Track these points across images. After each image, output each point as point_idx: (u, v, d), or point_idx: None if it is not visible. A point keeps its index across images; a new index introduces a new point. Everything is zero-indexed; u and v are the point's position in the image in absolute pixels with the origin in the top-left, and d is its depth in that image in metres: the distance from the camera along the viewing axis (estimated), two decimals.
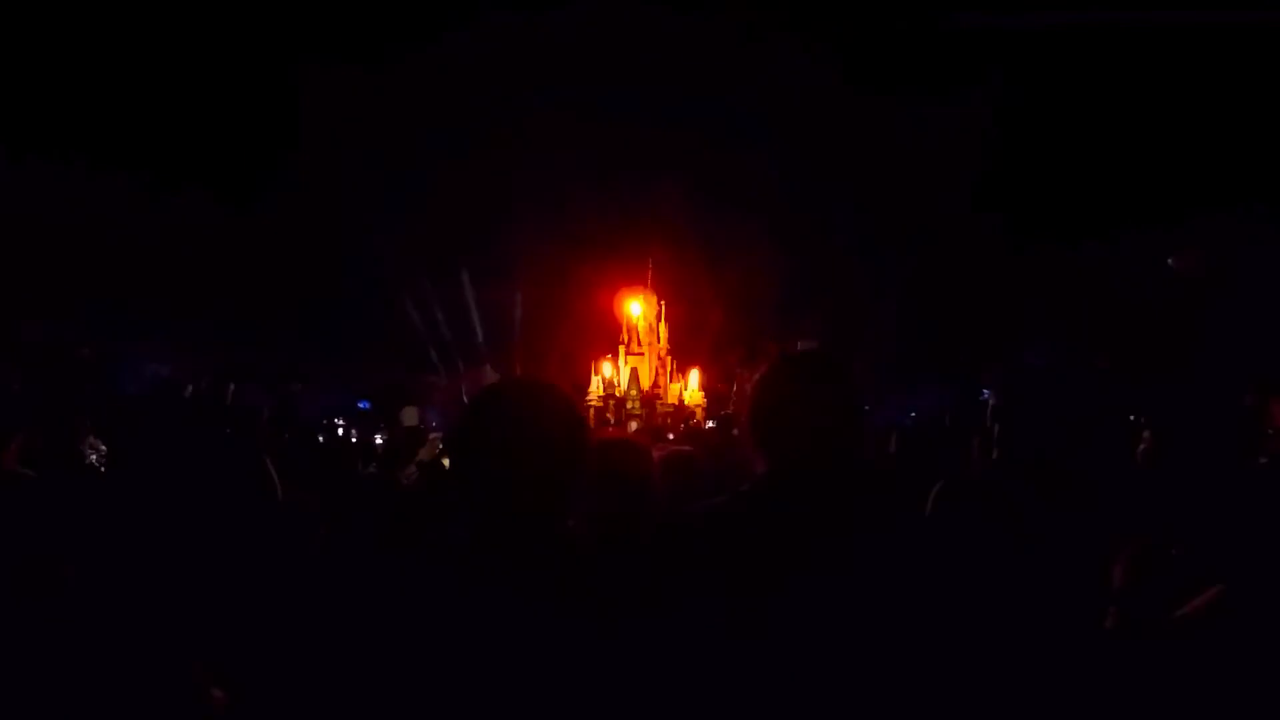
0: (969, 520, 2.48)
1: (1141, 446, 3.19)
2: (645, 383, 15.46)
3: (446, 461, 5.37)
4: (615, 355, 15.20)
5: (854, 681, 1.68)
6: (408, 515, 3.83)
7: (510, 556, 1.61)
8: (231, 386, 3.61)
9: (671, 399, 15.44)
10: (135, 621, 1.14)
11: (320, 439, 9.45)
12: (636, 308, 15.69)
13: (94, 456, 5.41)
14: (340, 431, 14.61)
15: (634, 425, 13.22)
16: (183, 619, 1.81)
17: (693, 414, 14.50)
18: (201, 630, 1.84)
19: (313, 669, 1.58)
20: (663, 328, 17.05)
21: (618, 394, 14.75)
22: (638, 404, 14.88)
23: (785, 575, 1.73)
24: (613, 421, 13.90)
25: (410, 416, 15.42)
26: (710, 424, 12.58)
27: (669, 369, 16.19)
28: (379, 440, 11.87)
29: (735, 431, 4.58)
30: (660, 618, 1.79)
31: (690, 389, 14.93)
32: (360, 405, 21.02)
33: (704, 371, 16.07)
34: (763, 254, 18.88)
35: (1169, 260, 12.09)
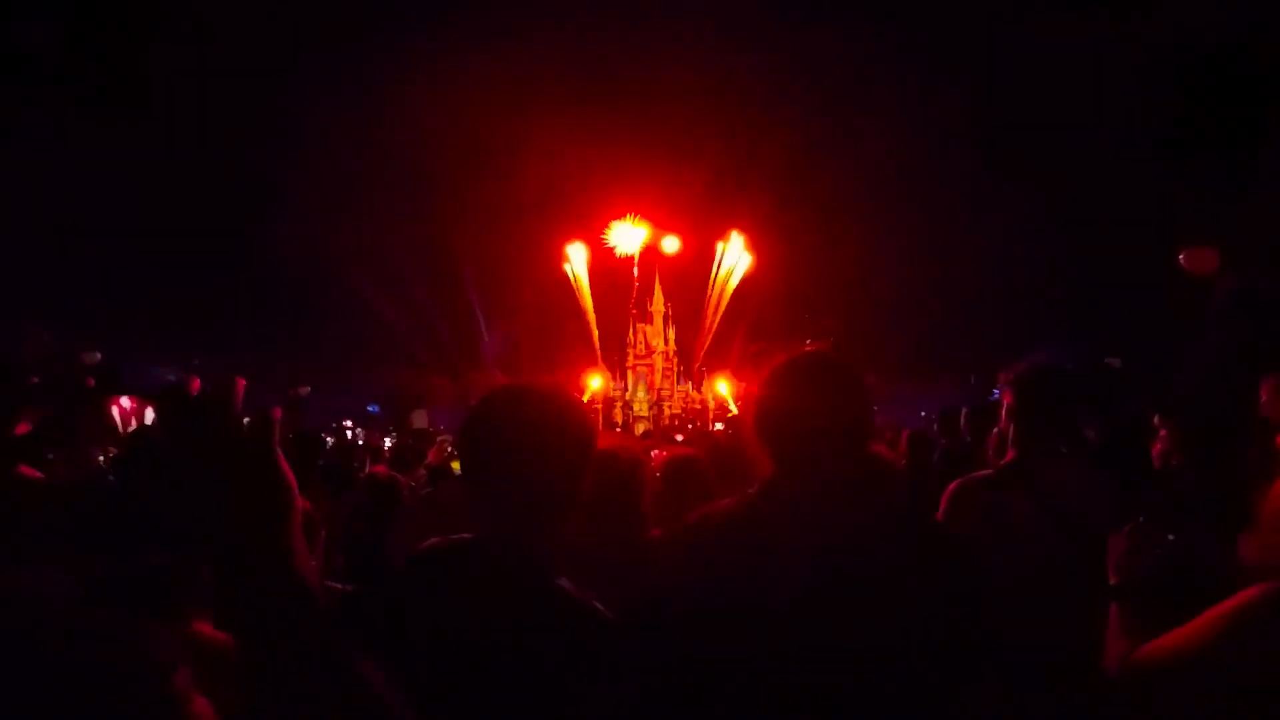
0: (983, 523, 2.42)
1: (1158, 446, 3.12)
2: (656, 381, 15.41)
3: (457, 465, 5.33)
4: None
5: (865, 686, 1.63)
6: (411, 518, 3.80)
7: (514, 559, 1.57)
8: (241, 383, 3.55)
9: (679, 401, 15.45)
10: (123, 625, 1.09)
11: (329, 440, 9.44)
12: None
13: (102, 459, 5.38)
14: (349, 434, 14.65)
15: (641, 428, 13.20)
16: (177, 623, 1.78)
17: (701, 415, 14.46)
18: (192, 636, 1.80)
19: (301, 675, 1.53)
20: (670, 332, 17.02)
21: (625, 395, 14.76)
22: (645, 406, 14.86)
23: (791, 580, 1.68)
24: (619, 424, 13.87)
25: (419, 419, 15.43)
26: (719, 426, 12.55)
27: (675, 371, 16.17)
28: (388, 443, 11.86)
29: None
30: (662, 623, 1.75)
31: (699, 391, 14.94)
32: (369, 409, 21.09)
33: (711, 373, 16.08)
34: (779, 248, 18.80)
35: (1179, 257, 11.99)
